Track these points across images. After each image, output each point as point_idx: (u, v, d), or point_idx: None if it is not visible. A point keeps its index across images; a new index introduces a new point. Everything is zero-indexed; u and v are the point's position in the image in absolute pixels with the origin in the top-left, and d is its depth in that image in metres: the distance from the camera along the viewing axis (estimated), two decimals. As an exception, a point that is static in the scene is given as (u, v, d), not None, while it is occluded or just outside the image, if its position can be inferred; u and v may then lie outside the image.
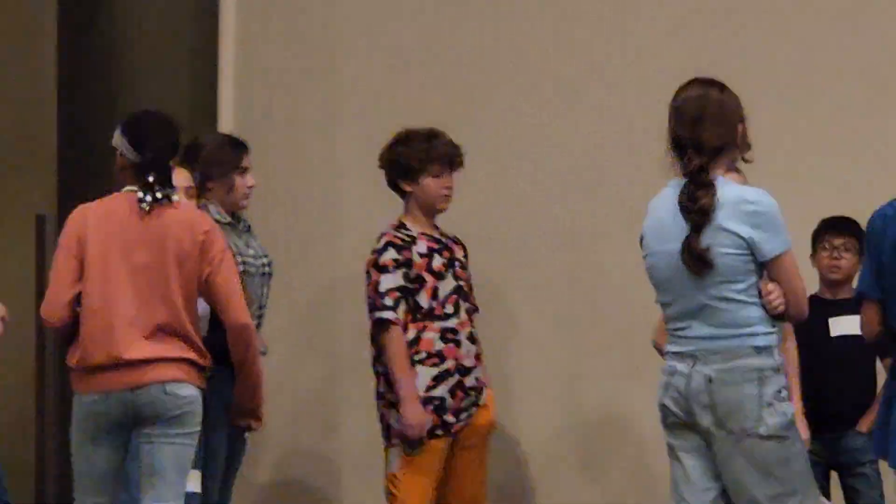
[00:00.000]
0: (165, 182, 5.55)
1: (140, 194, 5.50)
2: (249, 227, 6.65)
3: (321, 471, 8.11)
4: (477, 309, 6.84)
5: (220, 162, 6.50)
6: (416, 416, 6.40)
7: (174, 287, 5.50)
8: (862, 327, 5.63)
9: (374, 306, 6.50)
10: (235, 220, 6.47)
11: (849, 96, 8.17)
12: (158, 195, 5.52)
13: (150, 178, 5.52)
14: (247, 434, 6.40)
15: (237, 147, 6.60)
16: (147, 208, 5.50)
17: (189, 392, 5.49)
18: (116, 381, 5.48)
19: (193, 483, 6.27)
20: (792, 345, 6.46)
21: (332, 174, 8.32)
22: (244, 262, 6.33)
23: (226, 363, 5.82)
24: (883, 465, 6.07)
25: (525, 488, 7.94)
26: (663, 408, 5.02)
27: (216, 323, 5.86)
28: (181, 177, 6.00)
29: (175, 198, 5.54)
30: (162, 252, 5.51)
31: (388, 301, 6.49)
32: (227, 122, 8.46)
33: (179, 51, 9.08)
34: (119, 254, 5.53)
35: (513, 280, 7.79)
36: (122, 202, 5.57)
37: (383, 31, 8.70)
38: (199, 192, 6.37)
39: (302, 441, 8.11)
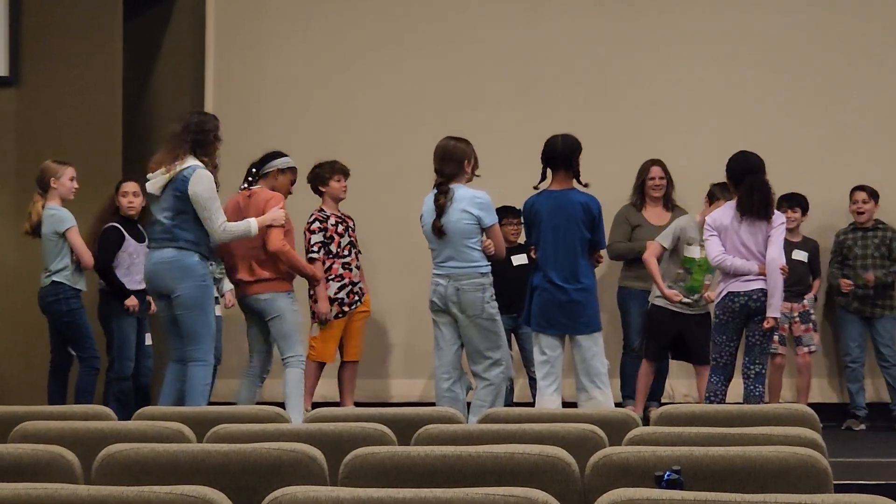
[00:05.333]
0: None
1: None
2: None
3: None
4: (359, 251, 10.23)
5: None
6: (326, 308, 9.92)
7: None
8: None
9: (307, 251, 9.92)
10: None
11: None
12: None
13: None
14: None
15: None
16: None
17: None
18: None
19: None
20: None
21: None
22: None
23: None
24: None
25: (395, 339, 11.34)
26: (431, 302, 8.47)
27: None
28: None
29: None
30: None
31: (315, 248, 9.95)
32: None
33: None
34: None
35: (379, 237, 10.47)
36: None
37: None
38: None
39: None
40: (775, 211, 8.54)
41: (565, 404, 8.62)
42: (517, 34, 11.34)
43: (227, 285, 10.09)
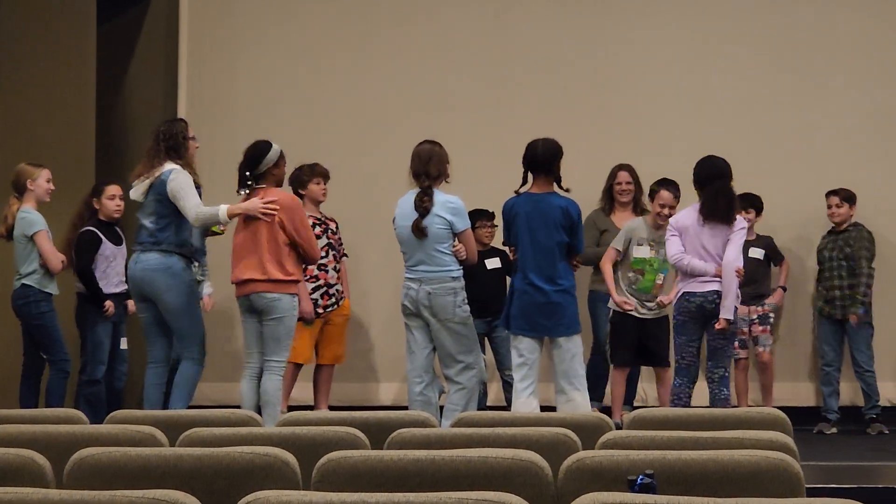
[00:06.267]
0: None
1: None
2: None
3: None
4: (345, 255, 10.32)
5: None
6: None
7: None
8: None
9: None
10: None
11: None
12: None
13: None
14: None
15: None
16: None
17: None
18: None
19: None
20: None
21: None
22: None
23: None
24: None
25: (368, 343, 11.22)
26: (403, 305, 8.52)
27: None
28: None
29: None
30: None
31: None
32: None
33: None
34: None
35: (351, 241, 10.45)
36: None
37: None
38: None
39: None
40: (737, 216, 8.60)
41: (542, 408, 8.60)
42: (489, 38, 11.38)
43: (207, 289, 10.08)
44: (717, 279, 8.54)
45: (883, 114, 11.04)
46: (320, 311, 10.08)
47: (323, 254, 10.03)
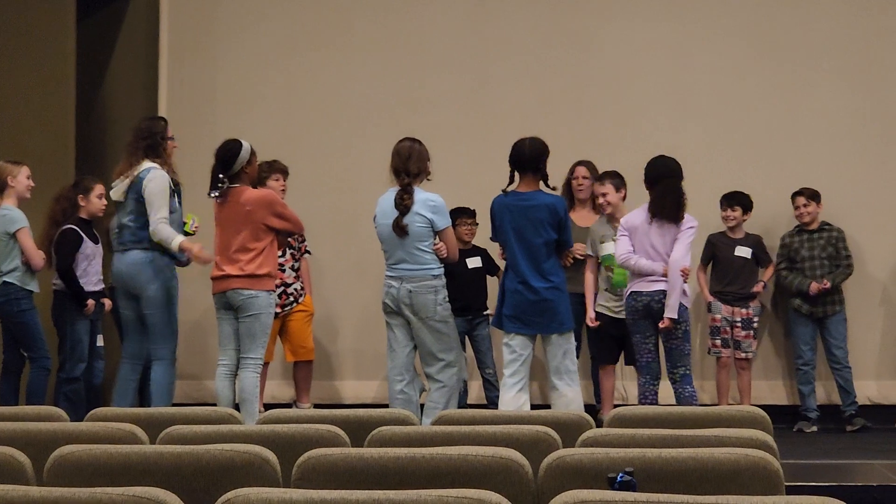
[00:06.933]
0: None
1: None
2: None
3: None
4: (308, 252, 10.33)
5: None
6: None
7: None
8: None
9: None
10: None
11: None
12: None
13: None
14: None
15: None
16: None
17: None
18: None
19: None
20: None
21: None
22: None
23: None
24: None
25: (349, 341, 11.28)
26: (384, 304, 8.54)
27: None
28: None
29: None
30: None
31: None
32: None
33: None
34: None
35: (331, 239, 10.24)
36: None
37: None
38: None
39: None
40: (686, 215, 8.61)
41: (531, 407, 8.63)
42: (469, 34, 11.37)
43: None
44: (665, 279, 8.56)
45: (880, 114, 11.01)
46: (278, 310, 10.02)
47: (279, 253, 9.94)
